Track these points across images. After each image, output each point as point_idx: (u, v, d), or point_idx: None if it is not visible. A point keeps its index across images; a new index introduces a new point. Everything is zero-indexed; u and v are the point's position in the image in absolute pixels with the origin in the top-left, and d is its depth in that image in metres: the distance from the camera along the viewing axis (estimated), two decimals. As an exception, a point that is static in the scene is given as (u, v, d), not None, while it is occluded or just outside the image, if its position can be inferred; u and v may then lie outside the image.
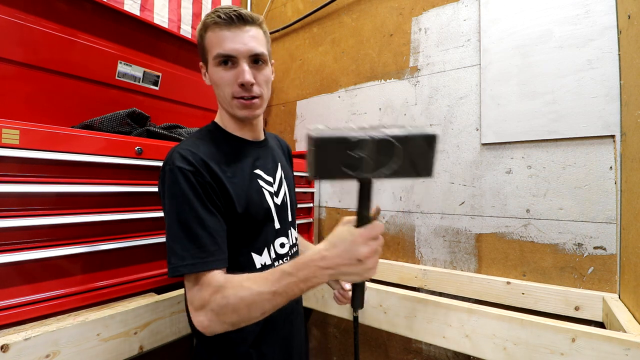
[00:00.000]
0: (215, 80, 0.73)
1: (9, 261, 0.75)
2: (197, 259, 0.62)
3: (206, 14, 0.73)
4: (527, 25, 1.18)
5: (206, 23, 0.71)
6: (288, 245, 0.84)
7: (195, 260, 0.62)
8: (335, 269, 0.55)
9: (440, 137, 1.39)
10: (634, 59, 0.91)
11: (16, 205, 0.78)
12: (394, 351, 1.48)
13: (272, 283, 0.58)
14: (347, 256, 0.54)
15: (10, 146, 0.74)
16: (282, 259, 0.81)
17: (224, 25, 0.69)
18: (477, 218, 1.28)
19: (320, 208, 1.79)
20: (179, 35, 1.41)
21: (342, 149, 0.49)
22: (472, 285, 1.25)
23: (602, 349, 0.75)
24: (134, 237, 1.01)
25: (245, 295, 0.58)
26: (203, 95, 1.56)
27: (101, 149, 0.91)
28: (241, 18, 0.70)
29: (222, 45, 0.69)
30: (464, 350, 0.94)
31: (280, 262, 0.80)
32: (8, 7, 0.96)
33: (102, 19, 1.17)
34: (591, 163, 1.08)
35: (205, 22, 0.72)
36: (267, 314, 0.60)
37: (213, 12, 0.71)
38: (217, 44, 0.70)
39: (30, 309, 0.79)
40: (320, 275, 0.56)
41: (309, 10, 1.83)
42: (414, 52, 1.48)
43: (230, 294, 0.59)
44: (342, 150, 0.49)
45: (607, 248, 1.05)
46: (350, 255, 0.54)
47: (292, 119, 1.94)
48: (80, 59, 1.14)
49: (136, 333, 0.88)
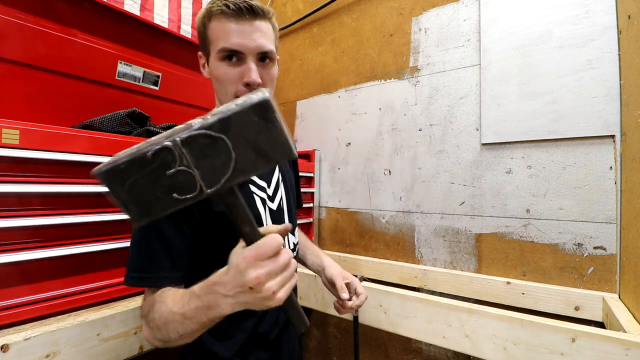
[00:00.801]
0: (217, 75, 0.67)
1: (9, 261, 0.75)
2: (149, 274, 0.59)
3: (211, 0, 0.66)
4: (527, 25, 1.18)
5: (211, 11, 0.65)
6: None
7: (146, 274, 0.59)
8: (234, 297, 0.45)
9: (441, 137, 1.39)
10: (634, 59, 0.91)
11: (16, 205, 0.78)
12: (394, 351, 1.49)
13: (182, 305, 0.51)
14: (237, 283, 0.44)
15: (10, 146, 0.74)
16: None
17: (232, 16, 0.63)
18: (477, 218, 1.28)
19: (320, 208, 1.79)
20: (179, 35, 1.41)
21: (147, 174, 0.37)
22: (472, 285, 1.25)
23: (602, 349, 0.75)
24: (134, 237, 1.01)
25: (163, 313, 0.53)
26: (203, 95, 1.56)
27: (101, 149, 0.91)
28: (252, 10, 0.63)
29: (229, 39, 0.63)
30: (464, 350, 0.94)
31: None
32: (8, 7, 0.96)
33: (102, 19, 1.17)
34: (591, 163, 1.08)
35: (210, 9, 0.65)
36: (188, 339, 0.53)
37: (220, 0, 0.64)
38: (222, 36, 0.64)
39: (30, 309, 0.79)
40: (222, 304, 0.46)
41: (309, 10, 1.83)
42: (414, 52, 1.48)
43: (156, 309, 0.55)
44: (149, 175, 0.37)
45: (607, 248, 1.05)
46: (239, 282, 0.43)
47: (292, 119, 1.94)
48: (80, 59, 1.14)
49: (136, 333, 0.88)
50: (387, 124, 1.55)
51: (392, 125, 1.53)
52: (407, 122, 1.48)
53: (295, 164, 0.99)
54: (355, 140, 1.65)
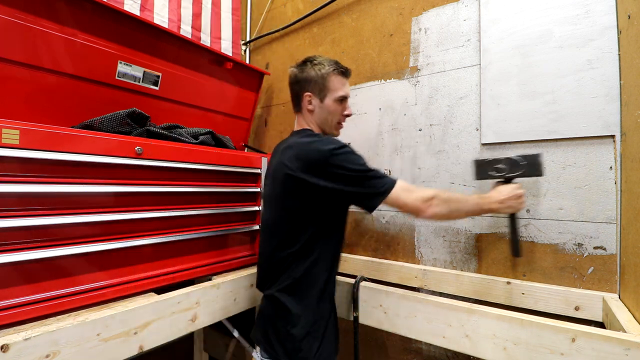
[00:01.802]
0: (332, 110, 1.08)
1: (9, 261, 0.75)
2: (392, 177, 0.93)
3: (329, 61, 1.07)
4: (527, 25, 1.18)
5: (331, 72, 1.06)
6: None
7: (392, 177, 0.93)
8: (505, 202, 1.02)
9: (441, 137, 1.39)
10: (634, 59, 0.91)
11: (16, 205, 0.78)
12: (394, 351, 1.49)
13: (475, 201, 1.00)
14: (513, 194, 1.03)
15: (10, 146, 0.74)
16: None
17: (343, 76, 1.09)
18: (477, 218, 1.28)
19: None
20: (179, 35, 1.41)
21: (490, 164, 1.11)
22: (472, 285, 1.25)
23: (602, 349, 0.75)
24: (134, 237, 1.01)
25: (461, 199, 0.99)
26: (203, 95, 1.56)
27: (101, 149, 0.91)
28: (349, 72, 1.12)
29: (344, 90, 1.09)
30: (464, 350, 0.94)
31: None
32: (8, 7, 0.96)
33: (102, 19, 1.17)
34: (591, 163, 1.08)
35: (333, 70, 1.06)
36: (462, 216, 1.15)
37: (335, 64, 1.07)
38: (341, 88, 1.08)
39: (30, 309, 0.79)
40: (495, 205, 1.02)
41: (309, 10, 1.83)
42: (414, 52, 1.48)
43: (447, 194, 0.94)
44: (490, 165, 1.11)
45: (607, 248, 1.05)
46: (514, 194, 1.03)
47: (292, 119, 1.94)
48: (80, 59, 1.14)
49: (136, 333, 0.88)
50: (387, 124, 1.55)
51: (392, 125, 1.53)
52: (407, 122, 1.48)
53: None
54: (355, 140, 1.65)
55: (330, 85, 1.06)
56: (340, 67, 1.07)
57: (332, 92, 1.07)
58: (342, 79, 1.08)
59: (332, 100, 1.07)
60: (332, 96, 1.07)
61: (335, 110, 1.08)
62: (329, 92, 1.06)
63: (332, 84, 1.06)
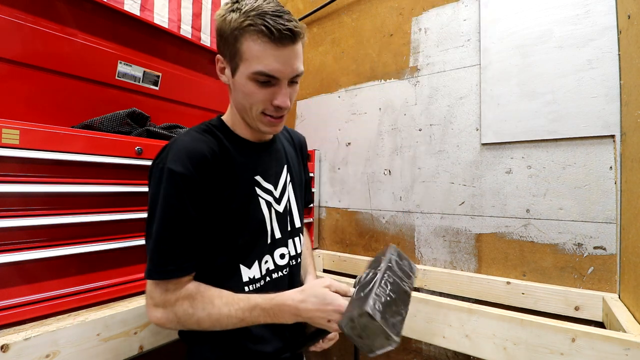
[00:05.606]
0: (245, 92, 0.64)
1: (9, 261, 0.75)
2: (172, 266, 0.61)
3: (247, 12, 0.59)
4: (527, 25, 1.18)
5: (248, 29, 0.59)
6: (288, 257, 0.79)
7: (170, 267, 0.61)
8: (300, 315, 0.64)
9: (441, 137, 1.39)
10: (634, 59, 0.91)
11: (16, 205, 0.78)
12: (394, 351, 1.48)
13: (243, 312, 0.62)
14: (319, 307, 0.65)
15: (10, 146, 0.74)
16: (277, 272, 0.77)
17: (271, 41, 0.59)
18: (477, 218, 1.28)
19: (320, 208, 1.79)
20: (179, 35, 1.41)
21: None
22: (472, 285, 1.25)
23: (602, 349, 0.75)
24: (134, 237, 1.01)
25: (213, 313, 0.62)
26: (203, 95, 1.56)
27: (101, 149, 0.91)
28: (292, 35, 0.60)
29: (266, 64, 0.60)
30: (464, 350, 0.94)
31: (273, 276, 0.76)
32: (8, 7, 0.96)
33: (102, 19, 1.17)
34: (591, 163, 1.08)
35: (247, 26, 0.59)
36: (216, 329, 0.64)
37: (260, 17, 0.58)
38: (258, 58, 0.60)
39: (30, 309, 0.79)
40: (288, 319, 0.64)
41: (309, 10, 1.83)
42: (414, 52, 1.48)
43: (199, 307, 0.62)
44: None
45: (607, 248, 1.05)
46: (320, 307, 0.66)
47: (292, 118, 1.94)
48: (80, 59, 1.14)
49: (136, 333, 0.88)
50: (387, 124, 1.55)
51: (392, 125, 1.53)
52: (407, 122, 1.48)
53: (305, 161, 0.95)
54: (355, 140, 1.65)
55: (244, 49, 0.61)
56: (267, 22, 0.58)
57: (246, 62, 0.61)
58: (262, 44, 0.59)
59: (245, 76, 0.62)
60: (246, 70, 0.62)
61: (250, 92, 0.64)
62: (241, 62, 0.62)
63: (246, 47, 0.60)
